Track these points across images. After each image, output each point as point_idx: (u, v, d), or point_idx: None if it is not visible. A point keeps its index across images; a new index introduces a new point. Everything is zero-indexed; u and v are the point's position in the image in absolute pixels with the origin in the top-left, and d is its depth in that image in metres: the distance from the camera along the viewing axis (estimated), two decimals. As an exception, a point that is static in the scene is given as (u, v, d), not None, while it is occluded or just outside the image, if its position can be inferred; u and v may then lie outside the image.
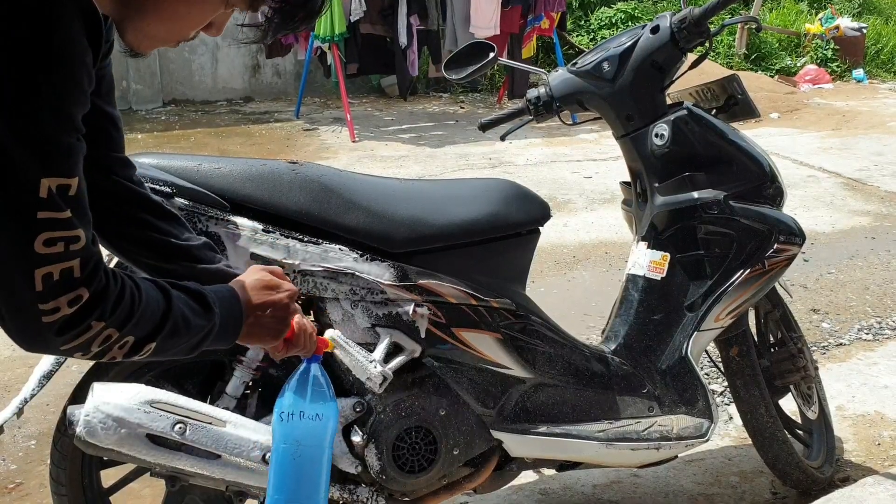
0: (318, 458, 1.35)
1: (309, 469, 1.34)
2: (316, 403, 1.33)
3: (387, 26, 7.24)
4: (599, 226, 4.65)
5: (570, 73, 2.05)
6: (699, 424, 1.95)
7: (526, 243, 1.87)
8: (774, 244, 1.97)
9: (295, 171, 1.70)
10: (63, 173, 0.94)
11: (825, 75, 9.61)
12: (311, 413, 1.32)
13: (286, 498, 1.33)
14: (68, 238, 0.94)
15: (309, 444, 1.33)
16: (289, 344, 1.32)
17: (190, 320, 1.09)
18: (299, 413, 1.32)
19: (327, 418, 1.34)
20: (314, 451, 1.34)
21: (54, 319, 0.94)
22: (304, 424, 1.32)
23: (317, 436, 1.34)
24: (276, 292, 1.24)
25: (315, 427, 1.33)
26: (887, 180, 5.59)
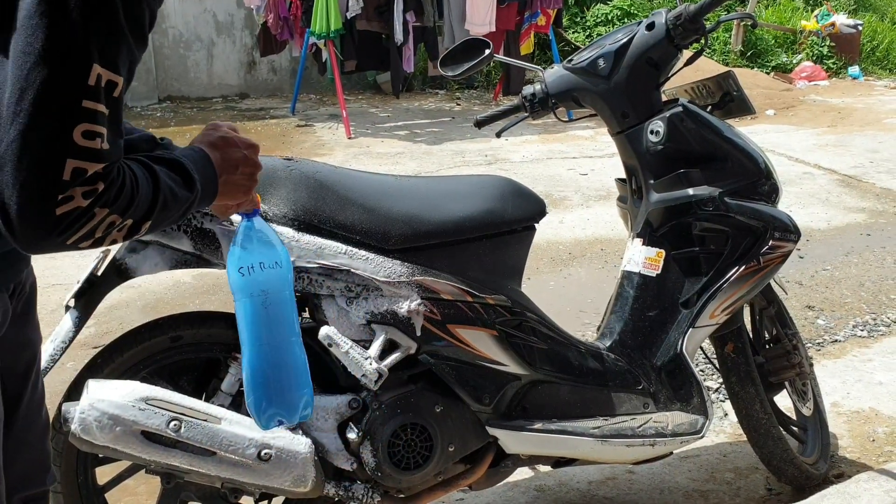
0: (287, 301, 1.37)
1: (280, 314, 1.37)
2: (270, 251, 1.35)
3: (383, 23, 7.23)
4: (595, 222, 4.65)
5: (566, 69, 2.05)
6: (694, 421, 1.96)
7: (521, 240, 1.87)
8: (769, 241, 1.98)
9: (290, 167, 1.70)
10: (115, 69, 0.94)
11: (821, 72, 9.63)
12: (270, 262, 1.34)
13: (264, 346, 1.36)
14: (104, 136, 0.93)
15: (275, 291, 1.35)
16: (241, 202, 1.33)
17: (177, 193, 1.08)
18: (258, 264, 1.34)
19: (285, 263, 1.37)
20: (281, 296, 1.36)
21: (67, 210, 0.92)
22: (265, 274, 1.34)
23: (280, 281, 1.36)
24: (240, 149, 1.24)
25: (277, 273, 1.35)
26: (883, 177, 5.60)
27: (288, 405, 1.40)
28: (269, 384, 1.37)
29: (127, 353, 1.69)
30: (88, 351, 2.81)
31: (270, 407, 1.38)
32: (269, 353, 1.37)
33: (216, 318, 1.77)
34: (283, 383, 1.39)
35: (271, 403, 1.38)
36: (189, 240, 1.58)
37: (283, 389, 1.39)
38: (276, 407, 1.39)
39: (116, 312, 3.41)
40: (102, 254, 1.71)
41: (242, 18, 8.69)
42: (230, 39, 8.73)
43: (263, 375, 1.37)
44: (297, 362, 1.40)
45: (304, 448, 1.63)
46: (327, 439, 1.69)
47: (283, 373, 1.38)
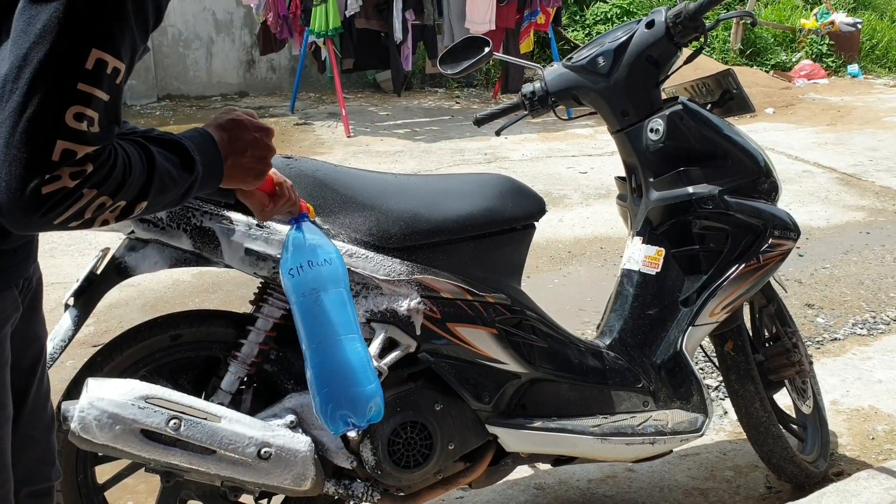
0: (340, 297, 1.37)
1: (334, 311, 1.36)
2: (319, 249, 1.35)
3: (382, 21, 7.22)
4: (594, 221, 4.65)
5: (566, 68, 2.05)
6: (694, 419, 1.96)
7: (521, 238, 1.87)
8: (769, 239, 1.98)
9: (290, 165, 1.70)
10: (117, 55, 0.93)
11: (820, 70, 9.63)
12: (319, 259, 1.34)
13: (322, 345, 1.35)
14: (95, 120, 0.93)
15: (326, 288, 1.35)
16: (274, 198, 1.32)
17: (174, 175, 1.07)
18: (307, 263, 1.34)
19: (336, 259, 1.36)
20: (333, 293, 1.35)
21: (53, 190, 0.92)
22: (314, 272, 1.34)
23: (332, 277, 1.35)
24: (251, 131, 1.21)
25: (328, 270, 1.35)
26: (882, 175, 5.60)
27: (354, 403, 1.37)
28: (333, 384, 1.36)
29: (126, 352, 1.69)
30: (88, 349, 2.81)
31: (338, 408, 1.36)
32: (327, 352, 1.35)
33: (216, 316, 1.77)
34: (348, 381, 1.36)
35: (339, 405, 1.36)
36: (189, 238, 1.58)
37: (348, 388, 1.36)
38: (345, 407, 1.37)
39: (116, 311, 3.41)
40: (102, 252, 1.71)
41: (242, 17, 8.68)
42: (229, 38, 8.73)
43: (325, 376, 1.35)
44: (358, 360, 1.38)
45: (303, 446, 1.63)
46: (327, 437, 1.69)
47: (344, 372, 1.36)
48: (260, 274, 1.63)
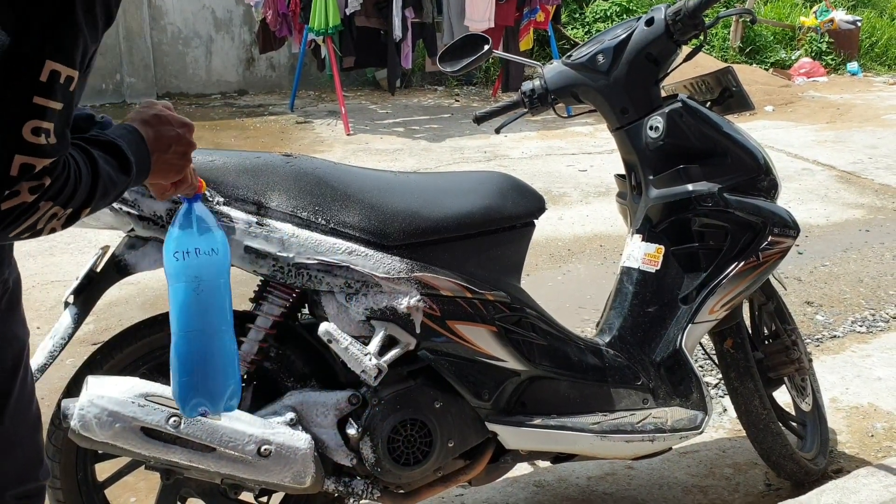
0: (221, 289, 1.35)
1: (213, 302, 1.34)
2: (207, 237, 1.33)
3: (382, 19, 7.22)
4: (594, 219, 4.65)
5: (565, 65, 2.05)
6: (693, 416, 1.96)
7: (521, 236, 1.87)
8: (769, 236, 1.98)
9: (290, 163, 1.70)
10: (71, 63, 0.93)
11: (820, 68, 9.62)
12: (206, 248, 1.32)
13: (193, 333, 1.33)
14: (53, 132, 0.93)
15: (209, 278, 1.32)
16: (177, 183, 1.30)
17: (114, 178, 1.07)
18: (194, 250, 1.31)
19: (222, 250, 1.34)
20: (214, 284, 1.34)
21: (13, 205, 0.92)
22: (200, 260, 1.31)
23: (215, 268, 1.33)
24: (174, 127, 1.21)
25: (212, 261, 1.32)
26: (881, 173, 5.60)
27: (213, 395, 1.36)
28: (196, 372, 1.34)
29: (126, 350, 1.69)
30: (87, 347, 2.81)
31: (195, 395, 1.35)
32: (198, 340, 1.33)
33: None
34: (210, 372, 1.35)
35: (196, 392, 1.35)
36: (188, 236, 1.58)
37: (209, 378, 1.35)
38: (202, 396, 1.35)
39: (115, 309, 3.41)
40: (102, 250, 1.71)
41: (241, 15, 8.67)
42: (229, 36, 8.72)
43: (191, 363, 1.34)
44: (226, 352, 1.37)
45: (303, 444, 1.63)
46: (327, 435, 1.69)
47: (211, 362, 1.35)
48: (259, 272, 1.63)
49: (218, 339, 1.35)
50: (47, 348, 1.60)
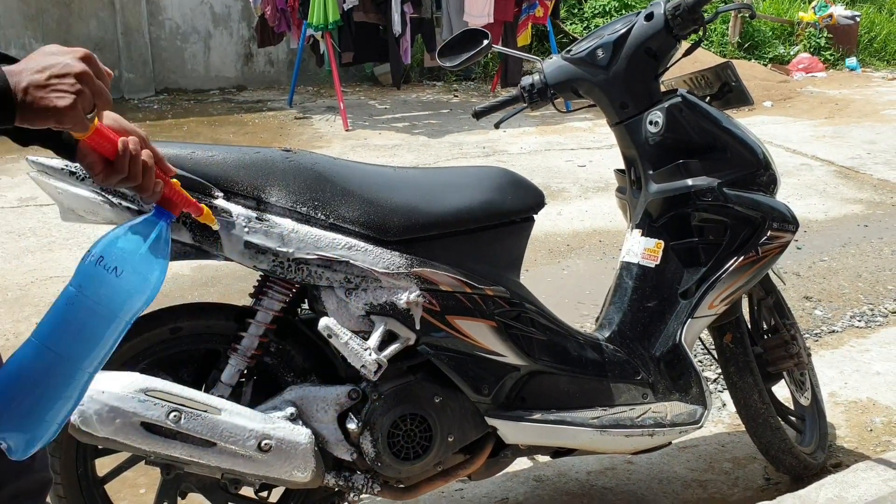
0: (109, 325, 1.09)
1: (92, 331, 1.08)
2: (142, 267, 1.10)
3: (380, 14, 7.21)
4: (593, 214, 4.66)
5: (565, 60, 2.04)
6: (693, 411, 1.96)
7: (520, 231, 1.87)
8: (768, 231, 1.98)
9: (289, 159, 1.70)
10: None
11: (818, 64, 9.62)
12: (130, 275, 1.09)
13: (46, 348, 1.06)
14: None
15: (105, 307, 1.08)
16: (109, 169, 1.12)
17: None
18: (115, 269, 1.08)
19: (143, 291, 1.10)
20: (106, 313, 1.08)
21: None
22: (113, 282, 1.08)
23: (117, 301, 1.09)
24: (56, 55, 1.02)
25: (123, 292, 1.09)
26: (880, 168, 5.60)
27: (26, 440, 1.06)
28: (22, 401, 1.05)
29: (126, 345, 1.69)
30: (87, 343, 2.81)
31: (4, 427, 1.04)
32: (44, 358, 1.06)
33: (215, 309, 1.77)
34: (38, 412, 1.06)
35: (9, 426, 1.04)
36: (188, 231, 1.58)
37: (34, 418, 1.06)
38: (9, 431, 1.05)
39: (115, 305, 3.41)
40: None
41: (239, 10, 8.66)
42: (227, 31, 8.71)
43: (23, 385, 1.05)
44: (70, 404, 1.08)
45: (304, 439, 1.63)
46: (327, 430, 1.69)
47: (48, 401, 1.06)
48: (259, 267, 1.63)
49: (65, 375, 1.07)
50: None
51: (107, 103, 1.06)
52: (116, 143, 1.12)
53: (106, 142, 1.10)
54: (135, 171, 1.14)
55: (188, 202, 1.22)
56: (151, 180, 1.16)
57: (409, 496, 1.81)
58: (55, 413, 1.07)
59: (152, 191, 1.17)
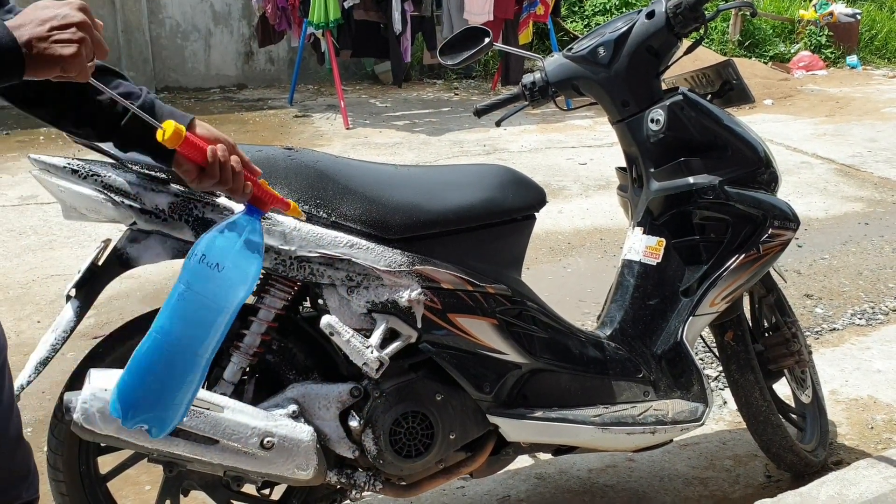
0: (218, 317, 1.22)
1: (203, 322, 1.21)
2: (241, 262, 1.22)
3: (381, 12, 7.21)
4: (594, 212, 4.66)
5: (566, 58, 2.04)
6: (694, 409, 1.97)
7: (521, 229, 1.87)
8: (769, 229, 1.98)
9: (291, 157, 1.70)
10: None
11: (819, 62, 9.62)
12: (231, 270, 1.20)
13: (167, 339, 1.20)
14: None
15: (212, 299, 1.20)
16: (203, 174, 1.22)
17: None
18: (216, 265, 1.20)
19: (244, 282, 1.22)
20: (215, 307, 1.21)
21: None
22: (217, 277, 1.19)
23: (222, 294, 1.21)
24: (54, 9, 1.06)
25: (226, 285, 1.20)
26: (881, 166, 5.60)
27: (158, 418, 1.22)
28: (148, 386, 1.20)
29: (129, 343, 1.69)
30: (88, 341, 2.82)
31: (141, 413, 1.21)
32: (166, 349, 1.20)
33: None
34: (164, 393, 1.21)
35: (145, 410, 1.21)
36: (190, 229, 1.59)
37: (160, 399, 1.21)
38: (147, 413, 1.21)
39: (116, 303, 3.41)
40: (103, 243, 1.71)
41: (240, 8, 8.66)
42: (227, 30, 8.71)
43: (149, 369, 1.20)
44: (186, 380, 1.22)
45: (306, 436, 1.63)
46: (329, 427, 1.69)
47: (171, 382, 1.21)
48: (261, 265, 1.63)
49: (186, 362, 1.21)
50: (49, 342, 1.60)
51: (104, 52, 1.10)
52: (206, 151, 1.22)
53: (197, 151, 1.21)
54: (225, 177, 1.24)
55: (276, 199, 1.31)
56: (241, 183, 1.27)
57: (410, 494, 1.82)
58: (182, 396, 1.22)
59: (242, 192, 1.27)
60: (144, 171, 1.57)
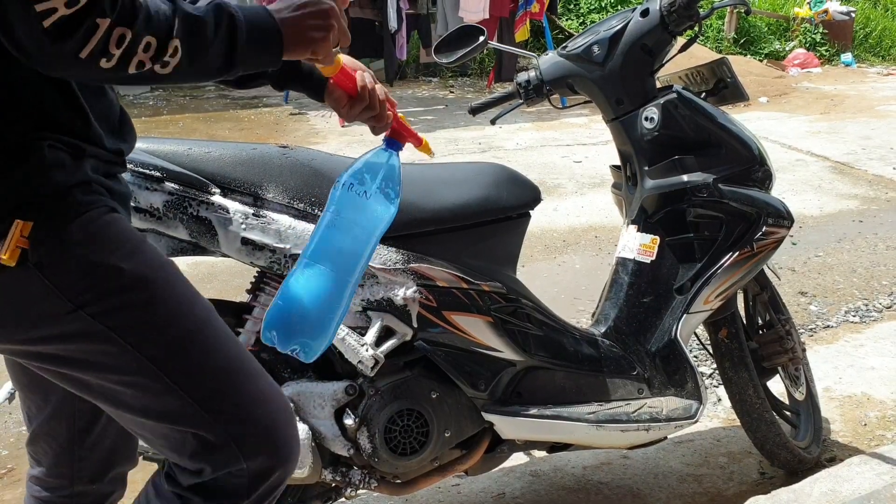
0: (366, 239, 1.29)
1: (352, 249, 1.28)
2: (384, 190, 1.30)
3: (376, 10, 7.21)
4: (589, 210, 4.66)
5: (561, 56, 2.05)
6: (688, 406, 1.97)
7: (516, 227, 1.87)
8: (763, 227, 1.99)
9: (286, 155, 1.70)
10: None
11: (814, 59, 9.64)
12: (375, 196, 1.28)
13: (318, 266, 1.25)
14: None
15: (360, 223, 1.28)
16: (353, 101, 1.31)
17: (198, 20, 1.02)
18: (364, 192, 1.28)
19: (387, 208, 1.30)
20: (362, 232, 1.28)
21: (53, 21, 0.91)
22: (361, 200, 1.27)
23: (371, 218, 1.28)
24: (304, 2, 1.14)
25: (372, 211, 1.28)
26: (875, 164, 5.62)
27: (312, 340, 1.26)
28: (303, 310, 1.25)
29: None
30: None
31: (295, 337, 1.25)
32: (317, 275, 1.25)
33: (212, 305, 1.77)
34: (318, 316, 1.25)
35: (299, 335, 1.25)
36: (185, 228, 1.58)
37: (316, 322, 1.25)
38: (301, 339, 1.25)
39: (111, 301, 3.40)
40: None
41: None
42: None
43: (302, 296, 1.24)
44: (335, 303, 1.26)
45: (301, 434, 1.63)
46: (324, 425, 1.69)
47: (323, 305, 1.25)
48: (257, 263, 1.63)
49: (338, 285, 1.26)
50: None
51: (347, 38, 1.18)
52: (356, 78, 1.30)
53: (348, 79, 1.28)
54: (374, 102, 1.32)
55: (411, 133, 1.38)
56: (385, 110, 1.34)
57: (405, 491, 1.82)
58: (332, 318, 1.25)
59: (386, 121, 1.34)
60: (139, 170, 1.56)
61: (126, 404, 1.16)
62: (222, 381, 1.17)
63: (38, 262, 1.04)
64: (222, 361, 1.17)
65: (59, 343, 1.10)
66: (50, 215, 1.05)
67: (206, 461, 1.18)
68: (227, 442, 1.17)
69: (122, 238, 1.11)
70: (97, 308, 1.08)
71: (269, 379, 1.24)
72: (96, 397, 1.17)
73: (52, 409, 1.35)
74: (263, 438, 1.19)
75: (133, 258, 1.11)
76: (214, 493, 1.20)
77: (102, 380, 1.13)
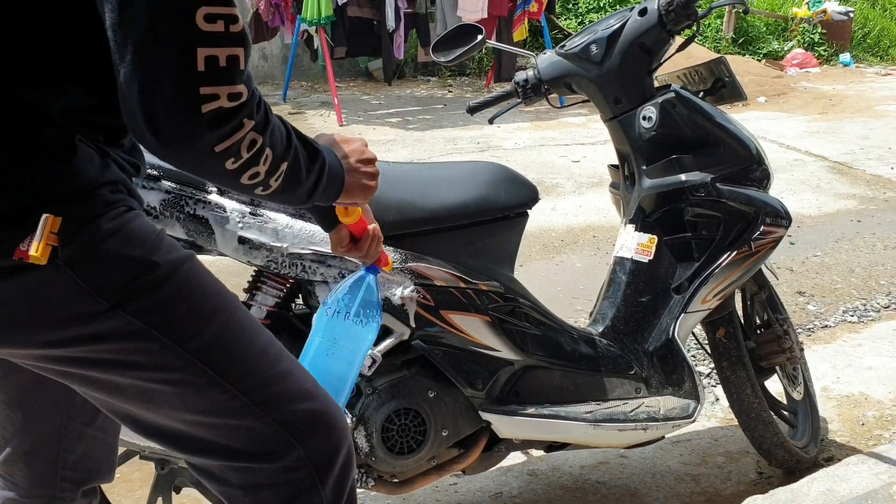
0: (352, 359, 1.38)
1: (339, 369, 1.37)
2: (364, 309, 1.38)
3: (374, 9, 7.20)
4: (587, 209, 4.66)
5: (559, 55, 2.05)
6: (686, 405, 1.97)
7: (514, 226, 1.87)
8: (761, 226, 1.99)
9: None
10: None
11: (812, 59, 9.65)
12: (358, 316, 1.37)
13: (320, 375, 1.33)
14: (227, 17, 0.91)
15: (346, 346, 1.37)
16: (355, 244, 1.36)
17: (301, 153, 1.06)
18: (345, 313, 1.36)
19: (370, 325, 1.39)
20: (349, 353, 1.37)
21: (212, 109, 0.90)
22: (347, 324, 1.36)
23: (356, 339, 1.37)
24: (352, 144, 1.21)
25: (357, 330, 1.37)
26: (873, 164, 5.62)
27: None
28: None
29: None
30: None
31: None
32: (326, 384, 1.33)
33: None
34: None
35: None
36: (182, 227, 1.58)
37: None
38: None
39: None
40: None
41: (233, 5, 8.62)
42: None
43: None
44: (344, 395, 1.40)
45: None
46: (321, 425, 1.69)
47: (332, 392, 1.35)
48: (254, 262, 1.63)
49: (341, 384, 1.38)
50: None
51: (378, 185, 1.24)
52: (367, 228, 1.36)
53: (361, 225, 1.36)
54: (372, 253, 1.38)
55: (385, 258, 1.46)
56: (377, 255, 1.41)
57: (403, 491, 1.82)
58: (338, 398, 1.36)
59: (372, 260, 1.41)
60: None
61: (166, 403, 1.08)
62: (265, 369, 1.11)
63: (69, 260, 0.97)
64: (259, 347, 1.12)
65: (90, 344, 1.03)
66: (80, 212, 0.98)
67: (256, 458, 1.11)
68: (276, 430, 1.11)
69: (148, 232, 1.06)
70: (136, 305, 1.02)
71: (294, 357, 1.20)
72: (128, 399, 1.09)
73: (38, 427, 1.27)
74: (313, 418, 1.14)
75: (161, 251, 1.05)
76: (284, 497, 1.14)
77: (139, 379, 1.06)
